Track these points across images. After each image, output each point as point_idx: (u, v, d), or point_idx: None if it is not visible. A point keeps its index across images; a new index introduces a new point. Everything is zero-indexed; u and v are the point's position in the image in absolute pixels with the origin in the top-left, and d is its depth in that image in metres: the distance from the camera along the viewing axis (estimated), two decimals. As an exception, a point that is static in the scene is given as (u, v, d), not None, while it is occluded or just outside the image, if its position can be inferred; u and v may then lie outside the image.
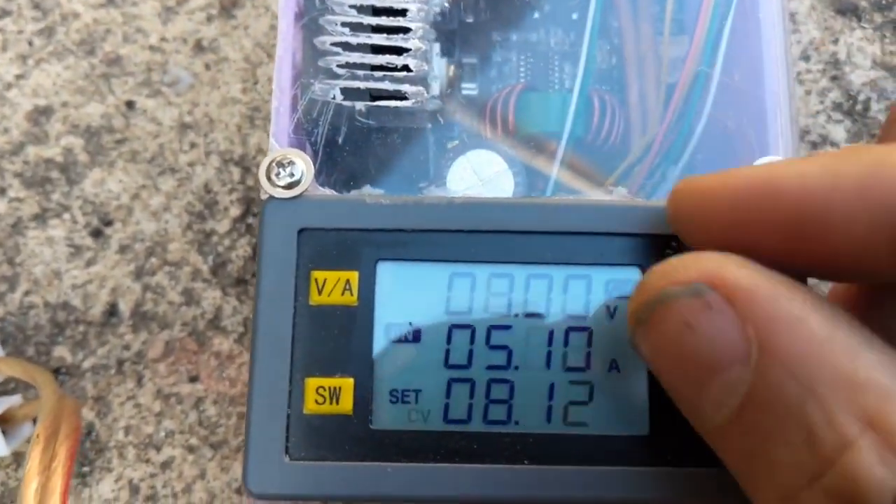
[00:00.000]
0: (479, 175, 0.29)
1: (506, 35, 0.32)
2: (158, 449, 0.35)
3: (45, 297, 0.36)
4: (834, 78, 0.40)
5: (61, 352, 0.36)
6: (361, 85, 0.27)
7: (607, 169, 0.30)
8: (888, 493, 0.17)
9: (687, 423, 0.23)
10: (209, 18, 0.40)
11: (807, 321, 0.19)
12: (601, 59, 0.32)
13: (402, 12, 0.27)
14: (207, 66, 0.39)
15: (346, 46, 0.27)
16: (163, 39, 0.39)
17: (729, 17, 0.28)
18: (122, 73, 0.39)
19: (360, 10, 0.27)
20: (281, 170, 0.26)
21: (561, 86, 0.32)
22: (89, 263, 0.37)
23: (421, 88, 0.27)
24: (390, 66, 0.27)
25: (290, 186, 0.26)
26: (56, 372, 0.35)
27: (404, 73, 0.27)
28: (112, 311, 0.36)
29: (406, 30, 0.27)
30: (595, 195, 0.28)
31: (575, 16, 0.33)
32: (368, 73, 0.27)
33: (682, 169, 0.29)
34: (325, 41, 0.27)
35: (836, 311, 0.20)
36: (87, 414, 0.35)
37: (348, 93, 0.27)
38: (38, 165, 0.38)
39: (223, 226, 0.37)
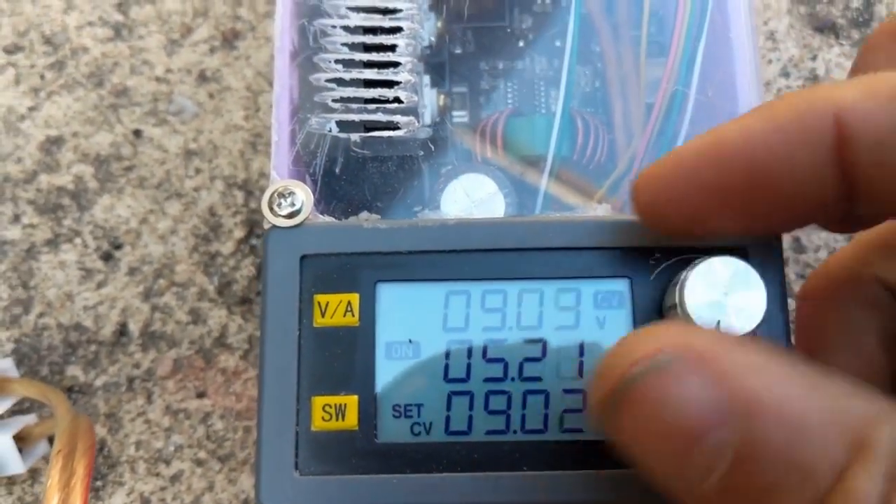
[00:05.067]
0: (472, 197, 0.30)
1: (493, 64, 0.33)
2: (168, 463, 0.36)
3: (59, 319, 0.38)
4: (813, 95, 0.41)
5: (74, 371, 0.37)
6: (356, 118, 0.29)
7: (594, 186, 0.31)
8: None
9: None
10: (212, 50, 0.41)
11: (772, 366, 0.19)
12: (585, 82, 0.34)
13: (392, 48, 0.29)
14: (211, 95, 0.41)
15: (340, 82, 0.29)
16: (168, 71, 0.41)
17: (702, 38, 0.30)
18: (129, 103, 0.40)
19: (352, 47, 0.29)
20: (282, 200, 0.27)
21: (547, 110, 0.34)
22: (100, 286, 0.38)
23: (412, 118, 0.29)
24: (382, 98, 0.29)
25: (291, 216, 0.27)
26: (69, 390, 0.37)
27: (396, 105, 0.29)
28: (122, 331, 0.38)
29: (396, 64, 0.29)
30: (581, 212, 0.29)
31: (558, 43, 0.34)
32: (362, 106, 0.29)
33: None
34: (319, 78, 0.29)
35: (788, 352, 0.21)
36: (100, 430, 0.36)
37: (343, 125, 0.29)
38: (50, 193, 0.39)
39: (228, 247, 0.39)
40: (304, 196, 0.27)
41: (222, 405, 0.37)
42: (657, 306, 0.27)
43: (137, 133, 0.40)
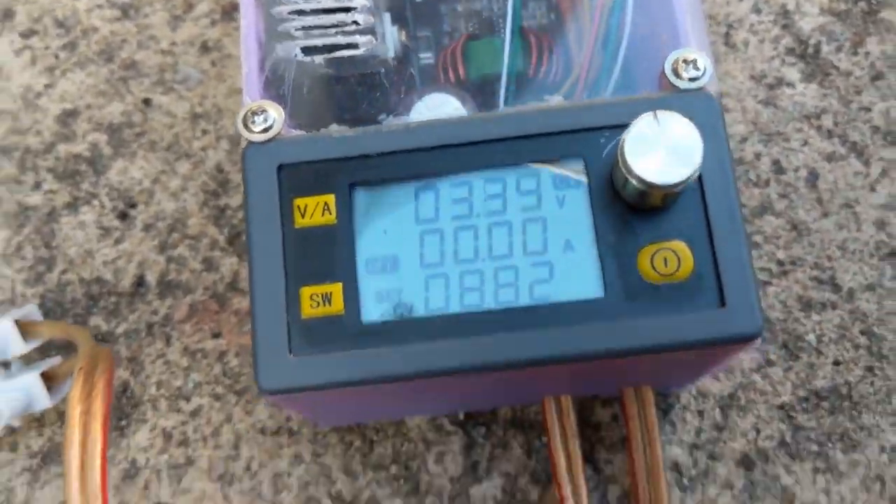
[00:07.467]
0: (436, 115, 0.32)
1: (452, 6, 0.35)
2: (188, 399, 0.39)
3: (80, 274, 0.41)
4: (785, 26, 0.43)
5: (96, 321, 0.40)
6: (318, 42, 0.31)
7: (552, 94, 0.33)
8: None
9: (633, 283, 0.28)
10: (213, 22, 0.44)
11: None
12: (541, 15, 0.36)
13: (347, -25, 0.31)
14: (213, 63, 0.44)
15: (301, 13, 0.31)
16: (172, 44, 0.44)
17: None
18: (138, 75, 0.43)
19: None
20: (256, 118, 0.29)
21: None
22: (118, 242, 0.41)
23: (370, 37, 0.31)
24: (341, 23, 0.31)
25: (265, 131, 0.29)
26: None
27: (354, 27, 0.31)
28: (140, 282, 0.40)
29: (351, -10, 0.31)
30: (535, 104, 0.31)
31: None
32: (323, 31, 0.31)
33: (615, 82, 0.32)
34: (281, 11, 0.31)
35: None
36: (123, 373, 0.39)
37: (307, 50, 0.31)
38: (68, 160, 0.42)
39: (235, 200, 0.41)
40: (275, 113, 0.29)
41: (237, 343, 0.39)
42: (610, 179, 0.29)
43: (147, 101, 0.43)
